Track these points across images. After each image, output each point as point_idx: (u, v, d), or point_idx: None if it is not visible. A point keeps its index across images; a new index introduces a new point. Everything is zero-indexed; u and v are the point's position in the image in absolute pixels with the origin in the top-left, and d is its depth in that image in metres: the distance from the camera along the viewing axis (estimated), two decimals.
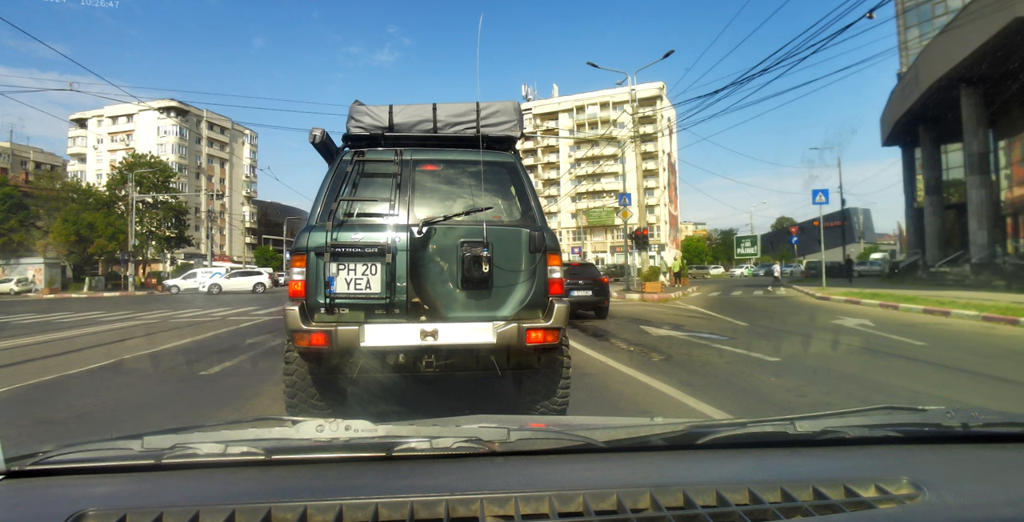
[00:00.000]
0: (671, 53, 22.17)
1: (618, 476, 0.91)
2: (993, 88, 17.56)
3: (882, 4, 10.29)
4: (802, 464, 0.99)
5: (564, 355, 3.64)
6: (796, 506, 0.80)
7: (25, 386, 5.65)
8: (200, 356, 7.50)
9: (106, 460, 0.95)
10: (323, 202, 3.38)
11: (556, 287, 3.37)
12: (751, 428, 1.06)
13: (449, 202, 3.48)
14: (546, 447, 1.00)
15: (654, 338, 8.95)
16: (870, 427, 1.07)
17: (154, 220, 45.01)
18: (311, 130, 3.55)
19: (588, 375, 5.69)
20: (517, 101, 3.93)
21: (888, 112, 26.83)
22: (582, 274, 12.68)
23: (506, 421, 1.14)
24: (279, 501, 0.79)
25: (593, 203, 69.15)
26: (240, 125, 71.11)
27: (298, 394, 3.55)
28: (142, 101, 45.58)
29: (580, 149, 69.99)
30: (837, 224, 35.23)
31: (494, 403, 4.45)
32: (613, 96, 66.23)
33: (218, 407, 4.62)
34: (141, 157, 46.23)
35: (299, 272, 3.23)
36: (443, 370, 3.45)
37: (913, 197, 29.13)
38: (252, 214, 75.61)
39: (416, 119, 3.70)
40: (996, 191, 20.75)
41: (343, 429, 0.94)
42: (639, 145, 23.61)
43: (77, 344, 9.21)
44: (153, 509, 0.77)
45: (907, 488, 0.84)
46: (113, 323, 12.94)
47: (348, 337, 3.12)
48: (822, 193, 19.76)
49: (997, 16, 14.21)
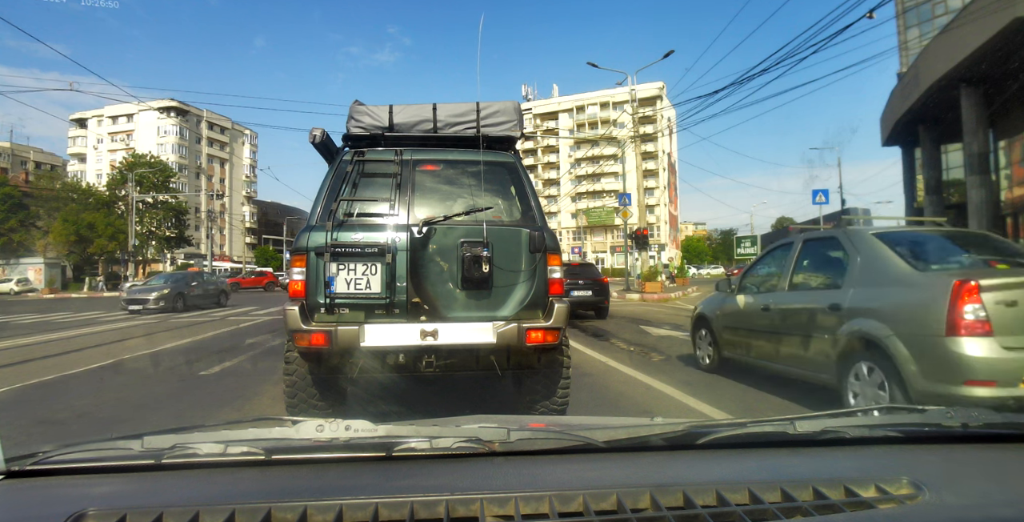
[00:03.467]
0: (671, 53, 22.19)
1: (618, 476, 0.91)
2: (993, 88, 17.55)
3: (882, 4, 10.27)
4: (802, 464, 0.99)
5: (564, 355, 3.64)
6: (796, 506, 0.80)
7: (25, 386, 5.65)
8: (200, 356, 7.51)
9: (106, 460, 0.95)
10: (323, 202, 3.38)
11: (556, 287, 3.37)
12: (751, 428, 1.06)
13: (449, 202, 3.48)
14: (546, 447, 1.00)
15: (654, 338, 8.95)
16: (870, 427, 1.08)
17: (154, 220, 45.04)
18: (311, 130, 3.56)
19: (588, 375, 5.69)
20: (517, 101, 3.93)
21: (888, 112, 26.83)
22: (582, 274, 12.68)
23: (506, 421, 1.14)
24: (279, 501, 0.79)
25: (593, 203, 69.16)
26: (240, 125, 71.12)
27: (298, 394, 3.55)
28: (142, 101, 45.55)
29: (580, 149, 69.99)
30: None
31: (494, 403, 4.45)
32: (613, 96, 66.23)
33: (218, 407, 4.62)
34: (141, 157, 46.25)
35: (299, 272, 3.23)
36: (443, 370, 3.45)
37: (913, 197, 29.11)
38: (252, 214, 75.63)
39: (416, 119, 3.70)
40: (996, 191, 20.75)
41: (343, 429, 0.94)
42: (639, 145, 23.61)
43: (77, 344, 9.21)
44: (153, 509, 0.77)
45: (907, 488, 0.84)
46: (113, 323, 12.94)
47: (348, 337, 3.13)
48: (822, 193, 19.78)
49: (997, 16, 14.20)
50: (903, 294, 3.68)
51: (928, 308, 3.43)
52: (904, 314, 3.60)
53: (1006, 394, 3.16)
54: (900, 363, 3.47)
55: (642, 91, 34.66)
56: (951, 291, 3.30)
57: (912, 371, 3.42)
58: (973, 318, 3.23)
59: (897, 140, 28.01)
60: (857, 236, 4.25)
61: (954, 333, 3.25)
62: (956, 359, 3.23)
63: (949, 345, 3.26)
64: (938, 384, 3.31)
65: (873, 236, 4.14)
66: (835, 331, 3.99)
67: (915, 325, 3.50)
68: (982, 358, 3.18)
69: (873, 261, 3.98)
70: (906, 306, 3.63)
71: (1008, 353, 3.17)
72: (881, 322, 3.66)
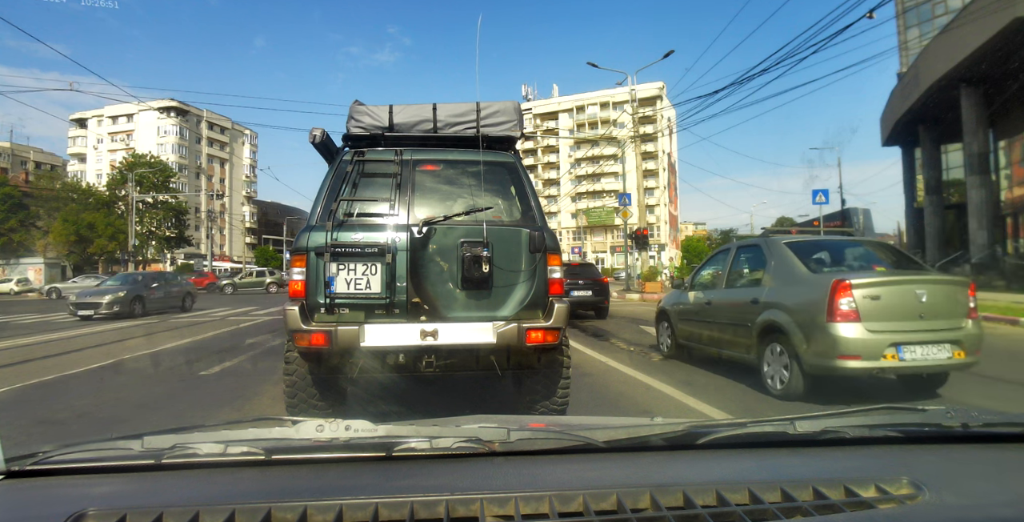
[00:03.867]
0: (671, 53, 22.21)
1: (618, 476, 0.91)
2: (993, 88, 17.55)
3: (882, 4, 10.29)
4: (802, 464, 0.99)
5: (564, 355, 3.64)
6: (796, 506, 0.80)
7: (25, 386, 5.65)
8: (200, 356, 7.51)
9: (106, 460, 0.95)
10: (323, 202, 3.38)
11: (556, 287, 3.37)
12: (751, 428, 1.06)
13: (449, 202, 3.48)
14: (546, 447, 1.00)
15: (654, 338, 8.94)
16: (870, 427, 1.08)
17: (154, 220, 45.07)
18: (311, 130, 3.56)
19: (588, 375, 5.69)
20: (517, 101, 3.93)
21: (888, 112, 26.81)
22: (582, 274, 12.69)
23: (506, 421, 1.14)
24: (279, 501, 0.79)
25: (593, 203, 69.17)
26: (240, 125, 71.10)
27: (298, 394, 3.55)
28: (142, 101, 45.51)
29: (580, 149, 69.98)
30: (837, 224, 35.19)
31: (494, 403, 4.45)
32: (613, 96, 66.23)
33: (218, 407, 4.62)
34: (141, 157, 46.27)
35: (299, 272, 3.23)
36: (443, 370, 3.45)
37: (913, 197, 29.10)
38: (252, 214, 75.61)
39: (416, 119, 3.70)
40: (996, 191, 20.74)
41: (343, 429, 0.94)
42: (639, 145, 23.61)
43: (77, 344, 9.21)
44: (153, 509, 0.77)
45: (907, 488, 0.84)
46: (113, 323, 12.93)
47: (348, 337, 3.13)
48: (822, 193, 19.76)
49: (997, 16, 14.20)
50: (800, 290, 4.70)
51: (815, 301, 4.43)
52: (800, 306, 4.61)
53: (870, 365, 4.22)
54: (796, 344, 4.49)
55: (642, 91, 34.65)
56: (831, 288, 4.31)
57: (804, 349, 4.42)
58: (846, 308, 4.26)
59: (897, 140, 27.98)
60: (773, 244, 5.26)
61: (832, 319, 4.28)
62: (833, 339, 4.25)
63: (828, 329, 4.28)
64: (822, 359, 4.32)
65: (784, 245, 5.13)
66: (755, 320, 4.97)
67: (807, 314, 4.49)
68: (851, 338, 4.22)
69: (782, 264, 5.00)
70: (801, 299, 4.63)
71: (871, 334, 4.22)
72: (785, 312, 4.69)
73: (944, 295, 4.43)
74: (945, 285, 4.52)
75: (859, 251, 5.49)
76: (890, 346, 4.20)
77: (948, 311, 4.40)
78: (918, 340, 4.24)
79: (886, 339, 4.20)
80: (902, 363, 4.22)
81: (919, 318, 4.31)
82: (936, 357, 4.25)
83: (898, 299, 4.36)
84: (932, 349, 4.25)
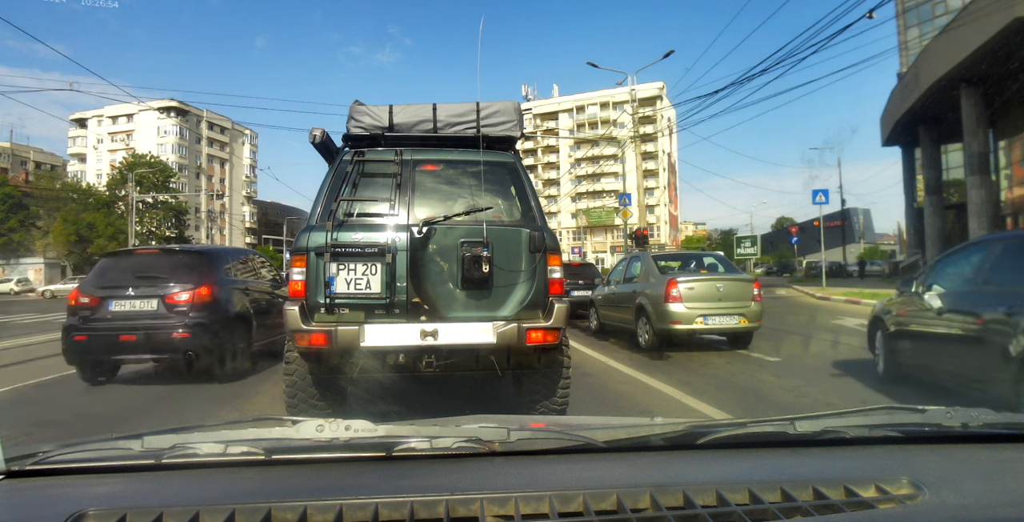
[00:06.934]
0: (671, 53, 22.19)
1: (618, 476, 0.91)
2: (993, 88, 17.54)
3: (882, 4, 10.28)
4: (802, 464, 0.99)
5: (564, 355, 3.64)
6: (796, 506, 0.80)
7: (25, 386, 5.65)
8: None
9: (106, 460, 0.95)
10: (323, 202, 3.38)
11: (556, 287, 3.37)
12: (751, 428, 1.06)
13: (449, 202, 3.48)
14: (546, 447, 1.00)
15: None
16: (870, 427, 1.07)
17: (154, 220, 45.13)
18: (311, 130, 3.56)
19: (588, 375, 5.70)
20: (517, 101, 3.93)
21: (888, 112, 26.81)
22: (582, 274, 12.69)
23: (506, 421, 1.14)
24: (279, 501, 0.79)
25: (593, 203, 69.17)
26: (240, 125, 71.04)
27: (298, 394, 3.55)
28: (142, 101, 45.46)
29: (580, 149, 69.98)
30: (837, 224, 35.29)
31: (494, 403, 4.46)
32: (613, 96, 66.20)
33: (218, 407, 4.62)
34: (141, 157, 46.32)
35: (299, 272, 3.23)
36: (443, 370, 3.45)
37: (913, 197, 29.11)
38: (252, 214, 75.59)
39: (416, 119, 3.70)
40: (996, 191, 20.74)
41: (343, 429, 0.94)
42: (639, 145, 23.60)
43: None
44: (153, 509, 0.77)
45: (907, 488, 0.84)
46: None
47: (348, 337, 3.13)
48: (822, 193, 19.75)
49: (997, 16, 14.20)
50: (654, 284, 7.59)
51: (659, 290, 7.28)
52: (652, 293, 7.47)
53: (688, 328, 7.11)
54: (650, 316, 7.39)
55: (642, 91, 34.66)
56: (667, 283, 7.21)
57: (655, 320, 7.29)
58: (675, 294, 7.10)
59: (897, 140, 27.99)
60: (644, 256, 8.92)
61: (666, 301, 7.13)
62: (667, 312, 7.14)
63: (665, 307, 7.15)
64: (663, 324, 7.17)
65: (651, 256, 8.78)
66: (633, 303, 7.93)
67: (656, 298, 7.34)
68: (676, 311, 7.09)
69: (648, 269, 8.13)
70: (653, 289, 7.49)
71: (688, 310, 7.08)
72: (646, 297, 7.58)
73: (737, 287, 7.34)
74: (738, 282, 7.46)
75: (698, 262, 8.83)
76: (699, 316, 7.07)
77: (739, 296, 7.25)
78: (717, 313, 7.11)
79: (697, 312, 7.07)
80: (707, 326, 7.12)
81: (719, 301, 7.15)
82: (728, 323, 7.15)
83: (705, 289, 7.19)
84: (726, 319, 7.11)
